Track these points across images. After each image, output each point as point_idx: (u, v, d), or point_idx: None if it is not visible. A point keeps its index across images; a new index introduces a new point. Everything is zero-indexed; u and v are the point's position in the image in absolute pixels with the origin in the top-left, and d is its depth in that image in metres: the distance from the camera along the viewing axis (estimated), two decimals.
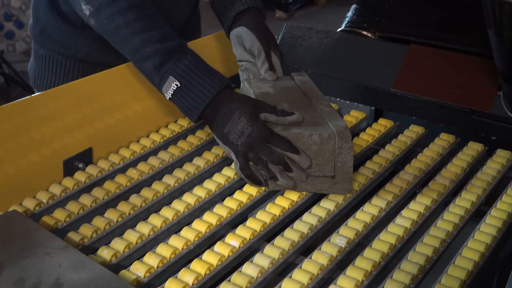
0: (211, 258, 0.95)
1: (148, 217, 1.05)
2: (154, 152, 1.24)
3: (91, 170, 1.17)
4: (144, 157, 1.22)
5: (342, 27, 1.57)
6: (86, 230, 1.00)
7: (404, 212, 1.07)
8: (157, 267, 0.94)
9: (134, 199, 1.09)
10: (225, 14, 1.30)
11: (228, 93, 1.11)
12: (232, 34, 1.29)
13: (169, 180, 1.14)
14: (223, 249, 0.97)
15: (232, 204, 1.08)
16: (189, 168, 1.18)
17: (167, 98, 1.11)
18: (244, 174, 1.09)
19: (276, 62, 1.27)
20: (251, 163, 1.08)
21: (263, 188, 1.12)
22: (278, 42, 1.55)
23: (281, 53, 1.28)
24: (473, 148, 1.28)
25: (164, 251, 0.96)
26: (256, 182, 1.09)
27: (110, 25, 1.12)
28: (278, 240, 0.99)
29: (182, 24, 1.43)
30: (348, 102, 1.51)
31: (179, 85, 1.09)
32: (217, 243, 0.98)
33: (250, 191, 1.11)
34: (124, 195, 1.11)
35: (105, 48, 1.26)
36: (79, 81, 1.19)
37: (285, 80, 1.27)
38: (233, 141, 1.08)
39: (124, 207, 1.06)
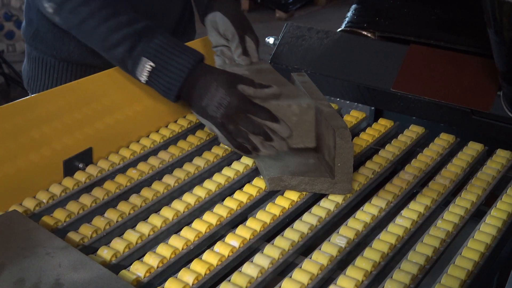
0: (211, 258, 0.95)
1: (148, 217, 1.05)
2: (154, 152, 1.24)
3: (91, 170, 1.17)
4: (144, 157, 1.22)
5: (342, 27, 1.57)
6: (86, 230, 1.00)
7: (404, 212, 1.07)
8: (157, 267, 0.94)
9: (134, 199, 1.09)
10: (200, 0, 1.30)
11: (204, 66, 1.10)
12: (207, 20, 1.29)
13: (169, 180, 1.14)
14: (223, 249, 0.97)
15: (232, 204, 1.08)
16: (189, 168, 1.18)
17: (143, 82, 1.10)
18: (234, 145, 1.07)
19: (251, 46, 1.26)
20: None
21: (263, 188, 1.12)
22: (278, 42, 1.55)
23: (257, 38, 1.27)
24: (473, 148, 1.28)
25: (164, 251, 0.96)
26: (246, 151, 1.08)
27: (74, 18, 1.11)
28: (278, 240, 0.99)
29: (174, 21, 1.41)
30: (348, 102, 1.51)
31: (153, 66, 1.08)
32: (217, 243, 0.98)
33: (250, 191, 1.11)
34: (124, 195, 1.11)
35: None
36: (79, 81, 1.19)
37: (260, 64, 1.26)
38: (212, 114, 1.06)
39: (124, 207, 1.06)
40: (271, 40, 1.59)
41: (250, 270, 0.93)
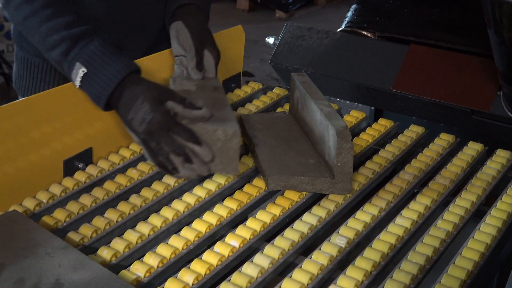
0: (211, 258, 0.95)
1: (148, 217, 1.05)
2: None
3: (91, 170, 1.17)
4: (144, 157, 1.22)
5: (342, 27, 1.57)
6: (86, 230, 1.00)
7: (404, 212, 1.07)
8: (157, 267, 0.94)
9: (134, 199, 1.09)
10: (168, 7, 1.30)
11: (136, 78, 1.08)
12: (171, 28, 1.28)
13: (169, 180, 1.14)
14: (223, 249, 0.97)
15: (232, 204, 1.08)
16: None
17: (77, 87, 1.09)
18: (155, 162, 1.06)
19: (209, 61, 1.24)
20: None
21: (263, 188, 1.12)
22: (278, 42, 1.55)
23: (218, 53, 1.26)
24: (473, 148, 1.28)
25: (164, 251, 0.96)
26: (166, 170, 1.06)
27: (19, 15, 1.12)
28: (278, 240, 0.99)
29: (157, 29, 1.37)
30: (348, 102, 1.52)
31: (86, 71, 1.07)
32: (217, 243, 0.98)
33: (250, 191, 1.11)
34: (124, 195, 1.11)
35: None
36: None
37: (213, 80, 1.25)
38: (135, 128, 1.05)
39: (124, 207, 1.06)
40: (271, 40, 1.59)
41: (250, 270, 0.93)
